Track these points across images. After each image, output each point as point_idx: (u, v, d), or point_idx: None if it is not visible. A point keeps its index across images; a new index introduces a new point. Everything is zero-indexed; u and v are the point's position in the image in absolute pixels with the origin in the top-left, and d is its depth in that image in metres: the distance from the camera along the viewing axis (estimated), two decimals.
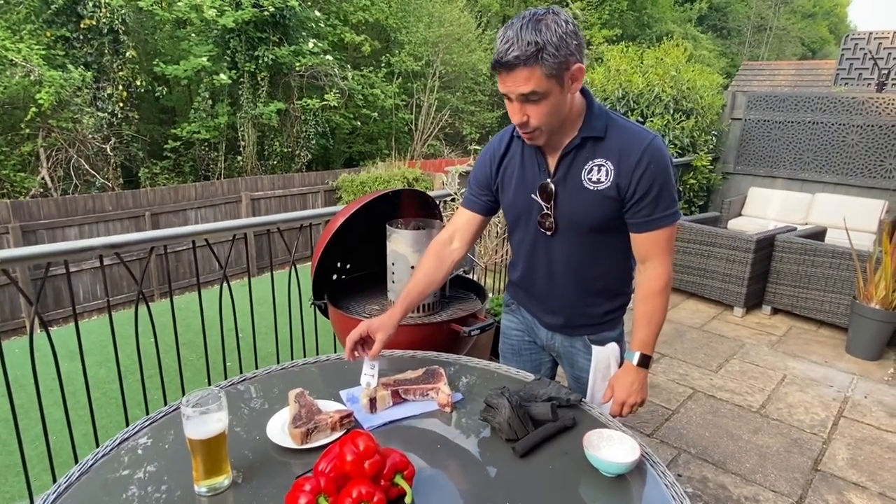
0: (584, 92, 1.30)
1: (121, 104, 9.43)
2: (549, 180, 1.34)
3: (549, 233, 1.38)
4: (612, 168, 1.28)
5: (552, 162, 1.34)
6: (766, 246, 4.13)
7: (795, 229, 4.53)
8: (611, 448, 1.15)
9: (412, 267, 1.85)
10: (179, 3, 9.49)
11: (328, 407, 1.27)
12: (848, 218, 5.08)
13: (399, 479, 1.00)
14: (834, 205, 5.52)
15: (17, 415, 1.80)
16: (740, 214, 6.15)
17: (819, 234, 4.54)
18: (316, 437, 1.17)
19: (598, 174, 1.29)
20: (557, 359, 1.63)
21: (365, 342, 1.38)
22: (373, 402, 1.31)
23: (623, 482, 1.10)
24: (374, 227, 2.03)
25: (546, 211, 1.36)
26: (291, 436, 1.16)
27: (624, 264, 1.45)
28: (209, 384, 1.40)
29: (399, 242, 1.85)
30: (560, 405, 1.32)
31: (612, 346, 1.51)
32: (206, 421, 1.00)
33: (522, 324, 1.63)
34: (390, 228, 1.87)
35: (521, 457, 1.16)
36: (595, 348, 1.50)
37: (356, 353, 1.38)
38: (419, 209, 2.20)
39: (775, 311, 4.28)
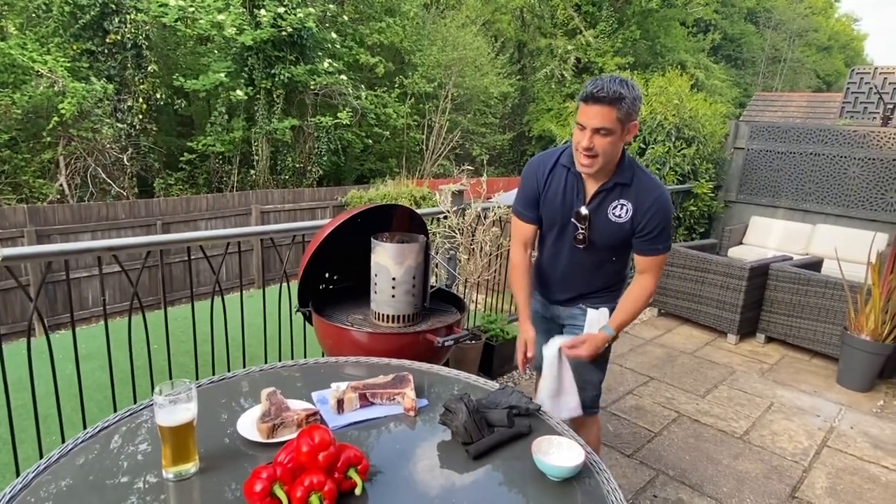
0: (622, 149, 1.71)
1: (140, 116, 9.70)
2: (584, 207, 1.73)
3: (581, 246, 1.79)
4: (630, 208, 1.70)
5: (589, 193, 1.74)
6: (760, 274, 4.16)
7: (791, 259, 4.55)
8: (559, 454, 1.21)
9: (393, 278, 1.93)
10: (201, 21, 9.81)
11: (297, 406, 1.35)
12: (849, 250, 5.09)
13: (352, 473, 1.07)
14: (834, 236, 5.53)
15: (12, 413, 1.89)
16: (741, 243, 6.17)
17: (815, 265, 4.55)
18: (282, 433, 1.24)
19: (621, 211, 1.71)
20: (563, 328, 1.99)
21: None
22: (340, 404, 1.38)
23: (568, 486, 1.15)
24: (368, 242, 2.12)
25: (581, 230, 1.76)
26: (259, 430, 1.24)
27: (621, 271, 1.90)
28: None
29: (382, 255, 1.94)
30: (518, 413, 1.39)
31: (604, 310, 1.85)
32: (175, 410, 1.08)
33: (538, 303, 2.03)
34: (375, 241, 1.96)
35: (474, 459, 1.22)
36: (590, 311, 1.86)
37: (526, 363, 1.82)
38: (410, 225, 2.29)
39: (769, 339, 4.29)
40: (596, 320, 1.83)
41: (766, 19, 25.99)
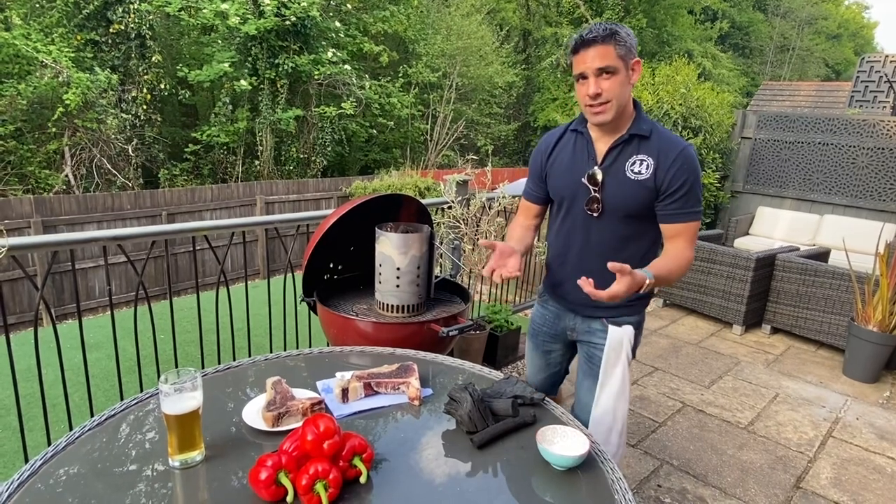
0: (634, 101, 1.54)
1: (144, 107, 9.70)
2: (596, 168, 1.54)
3: (595, 215, 1.57)
4: (652, 164, 1.49)
5: (601, 152, 1.55)
6: (766, 265, 4.14)
7: (798, 249, 4.52)
8: (564, 443, 1.20)
9: (398, 268, 1.93)
10: (205, 10, 9.77)
11: (302, 395, 1.35)
12: (857, 240, 5.05)
13: (357, 461, 1.07)
14: (842, 226, 5.49)
15: (20, 401, 1.90)
16: (748, 233, 6.14)
17: (822, 255, 4.52)
18: (287, 421, 1.24)
19: (640, 167, 1.50)
20: (578, 343, 1.76)
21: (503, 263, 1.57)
22: (345, 393, 1.38)
23: (572, 476, 1.15)
24: (372, 232, 2.12)
25: (594, 194, 1.55)
26: (264, 419, 1.24)
27: (648, 254, 1.60)
28: None
29: (386, 244, 1.93)
30: (523, 403, 1.38)
31: (628, 329, 1.61)
32: (181, 398, 1.08)
33: (549, 313, 1.80)
34: (379, 231, 1.95)
35: (478, 448, 1.22)
36: (611, 328, 1.61)
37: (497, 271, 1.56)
38: (415, 215, 2.28)
39: (775, 330, 4.27)
40: (619, 341, 1.59)
41: (775, 7, 25.64)
